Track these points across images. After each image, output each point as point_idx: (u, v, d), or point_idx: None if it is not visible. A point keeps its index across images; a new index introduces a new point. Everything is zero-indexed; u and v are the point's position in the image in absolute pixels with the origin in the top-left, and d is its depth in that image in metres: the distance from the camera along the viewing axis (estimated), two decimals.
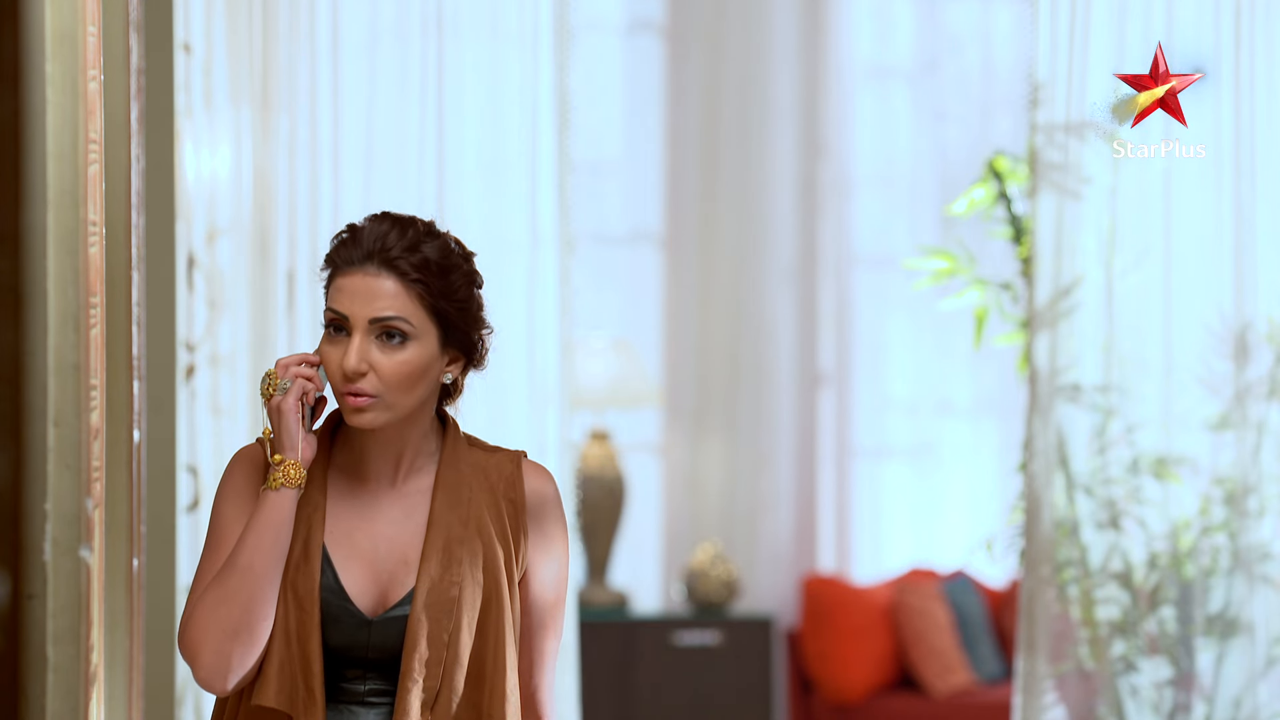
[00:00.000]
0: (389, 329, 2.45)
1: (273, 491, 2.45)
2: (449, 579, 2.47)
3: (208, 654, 2.41)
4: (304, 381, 2.47)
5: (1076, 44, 4.15)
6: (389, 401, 2.46)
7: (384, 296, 2.45)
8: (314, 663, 2.44)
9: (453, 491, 2.52)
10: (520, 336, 4.38)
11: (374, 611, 2.48)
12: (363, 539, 2.50)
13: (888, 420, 6.93)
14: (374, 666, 2.48)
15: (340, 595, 2.47)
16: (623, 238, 6.92)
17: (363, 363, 2.44)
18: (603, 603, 6.37)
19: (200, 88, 4.28)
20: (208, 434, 4.32)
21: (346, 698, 2.49)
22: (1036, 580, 4.19)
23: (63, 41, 2.46)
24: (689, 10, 6.85)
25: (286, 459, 2.46)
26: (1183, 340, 4.23)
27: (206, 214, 4.31)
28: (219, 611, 2.41)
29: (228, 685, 2.42)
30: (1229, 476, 4.22)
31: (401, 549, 2.50)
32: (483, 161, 4.38)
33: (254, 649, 2.42)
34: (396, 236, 2.46)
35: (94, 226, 2.55)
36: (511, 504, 2.55)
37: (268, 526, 2.44)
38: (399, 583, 2.49)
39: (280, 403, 2.47)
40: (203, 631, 2.41)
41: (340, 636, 2.47)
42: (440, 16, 4.37)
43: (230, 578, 2.42)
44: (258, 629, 2.42)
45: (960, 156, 6.80)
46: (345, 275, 2.46)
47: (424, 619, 2.45)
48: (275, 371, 2.48)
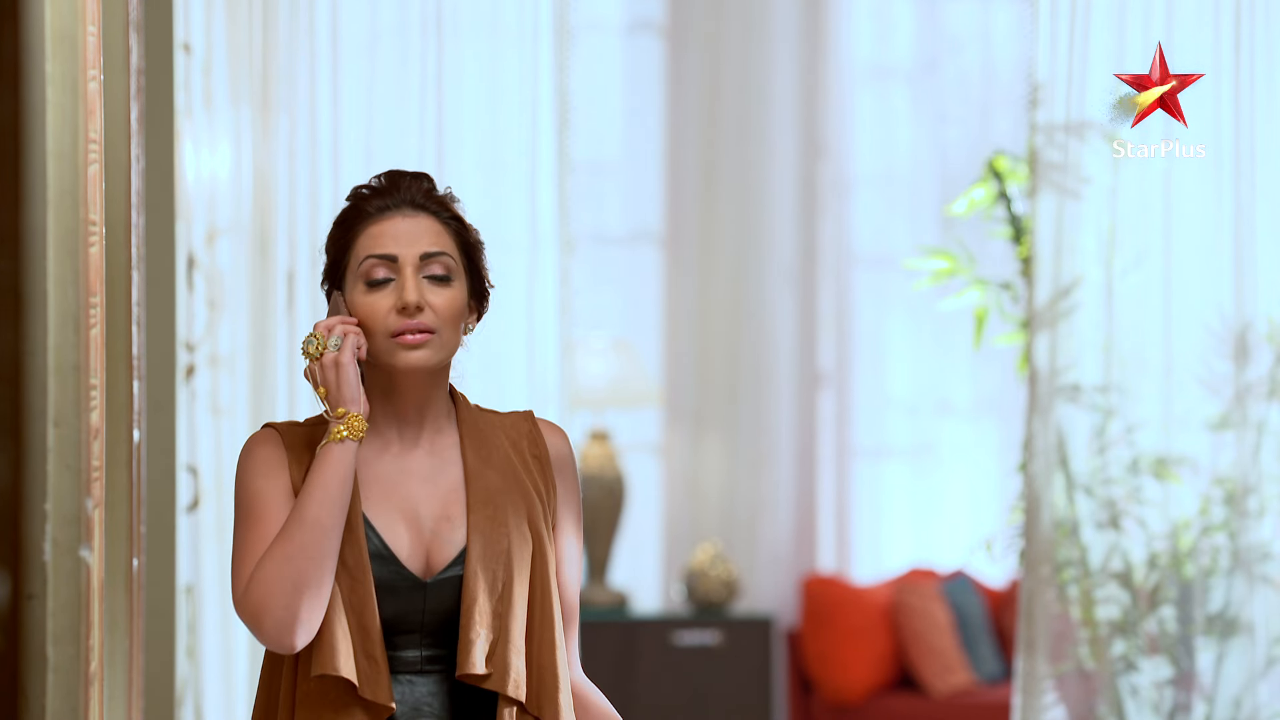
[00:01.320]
0: (437, 266, 2.50)
1: (336, 444, 2.45)
2: (499, 531, 2.49)
3: (277, 609, 2.40)
4: (355, 335, 2.49)
5: (1076, 44, 4.15)
6: (443, 339, 2.50)
7: (429, 234, 2.51)
8: (373, 631, 2.44)
9: (481, 446, 2.54)
10: (520, 336, 4.38)
11: (425, 573, 2.49)
12: (400, 502, 2.51)
13: (887, 420, 6.93)
14: (429, 632, 2.49)
15: (391, 561, 2.48)
16: (623, 238, 6.92)
17: (422, 297, 2.48)
18: (603, 603, 6.37)
19: (200, 88, 4.29)
20: (208, 434, 4.32)
21: (402, 667, 2.49)
22: (1036, 580, 4.19)
23: (63, 41, 2.46)
24: (689, 10, 6.85)
25: (350, 411, 2.47)
26: (1183, 340, 4.23)
27: (206, 214, 4.32)
28: (287, 567, 2.41)
29: (296, 641, 2.41)
30: (1229, 476, 4.22)
31: (441, 506, 2.51)
32: (483, 161, 4.38)
33: (320, 603, 2.41)
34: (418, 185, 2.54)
35: (94, 226, 2.55)
36: (536, 459, 2.58)
37: (334, 478, 2.44)
38: (445, 540, 2.50)
39: (338, 357, 2.48)
40: (269, 588, 2.40)
41: (395, 603, 2.47)
42: (440, 16, 4.37)
43: (296, 533, 2.42)
44: (325, 582, 2.42)
45: (960, 156, 6.80)
46: (381, 221, 2.52)
47: (480, 573, 2.47)
48: (319, 332, 2.49)
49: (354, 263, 2.52)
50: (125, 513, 3.07)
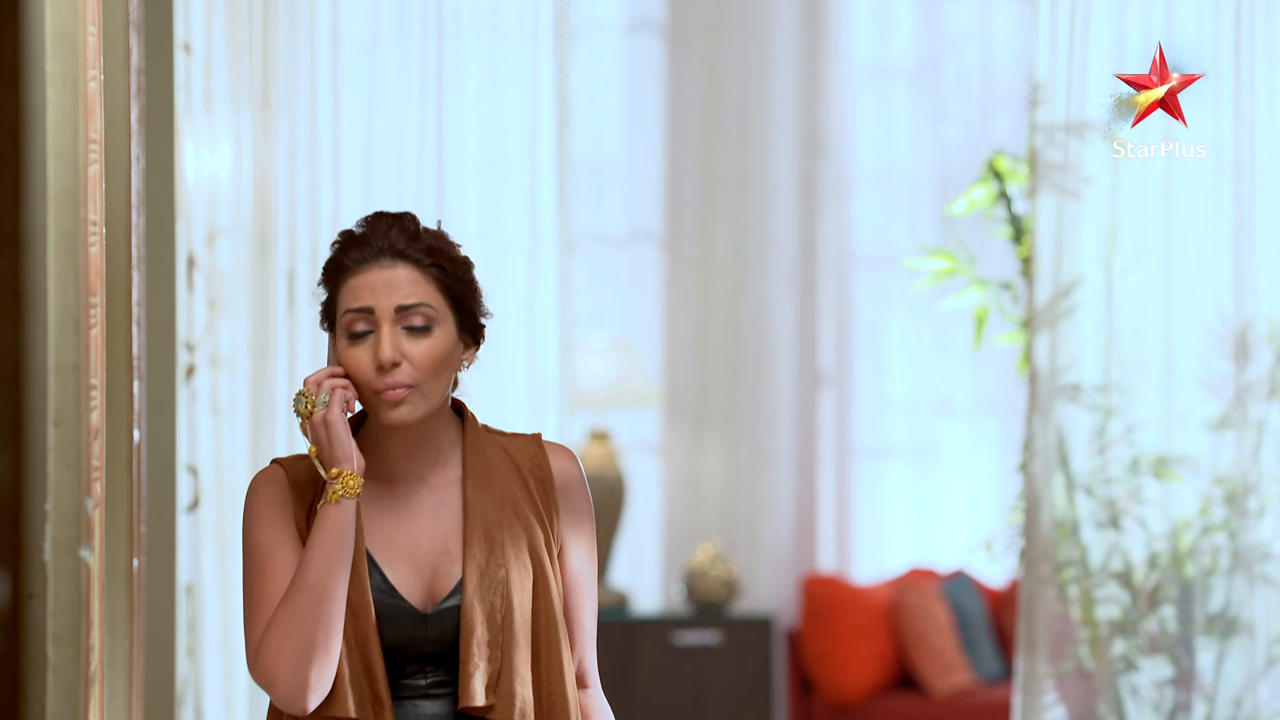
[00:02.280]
0: (415, 318, 2.47)
1: (333, 505, 2.45)
2: (495, 562, 2.49)
3: (286, 677, 2.41)
4: (343, 391, 2.47)
5: (1076, 44, 4.15)
6: (425, 390, 2.47)
7: (405, 284, 2.47)
8: (376, 666, 2.45)
9: (482, 476, 2.54)
10: (520, 336, 4.38)
11: (425, 606, 2.49)
12: (402, 538, 2.51)
13: (888, 420, 6.92)
14: (433, 660, 2.50)
15: (391, 594, 2.48)
16: (622, 238, 6.92)
17: (397, 353, 2.45)
18: (603, 602, 6.37)
19: (200, 88, 4.28)
20: (208, 434, 4.32)
21: (409, 693, 2.49)
22: (1036, 580, 4.19)
23: (63, 41, 2.46)
24: (689, 10, 6.85)
25: (344, 470, 2.46)
26: (1183, 340, 4.23)
27: (206, 214, 4.32)
28: (293, 634, 2.41)
29: (308, 705, 2.42)
30: (1229, 476, 4.22)
31: (442, 540, 2.51)
32: (483, 161, 4.38)
33: (330, 666, 2.42)
34: (399, 230, 2.49)
35: (94, 226, 2.55)
36: (540, 483, 2.57)
37: (335, 540, 2.44)
38: (445, 574, 2.50)
39: (326, 415, 2.46)
40: (278, 656, 2.41)
41: (397, 635, 2.48)
42: (440, 16, 4.37)
43: (301, 599, 2.42)
44: (333, 645, 2.42)
45: (960, 156, 6.80)
46: (358, 274, 2.48)
47: (477, 604, 2.47)
48: (308, 390, 2.47)
49: (339, 314, 2.50)
50: (125, 513, 3.07)
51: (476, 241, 4.33)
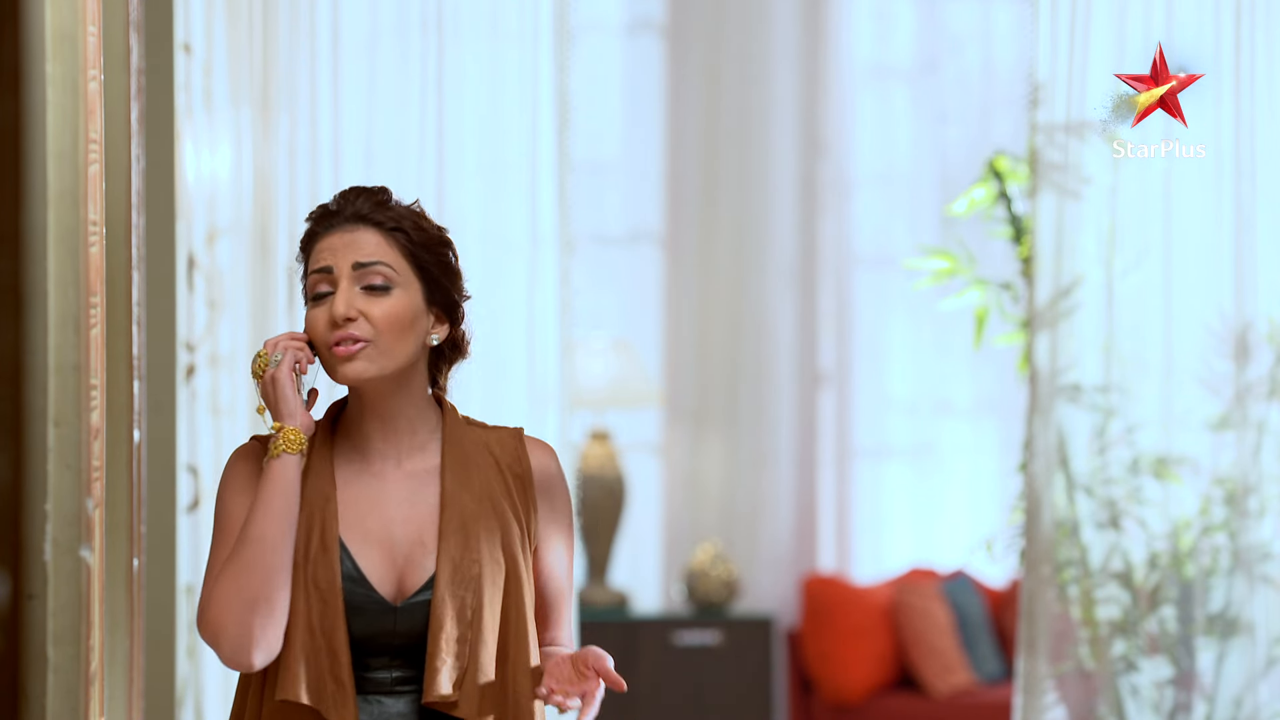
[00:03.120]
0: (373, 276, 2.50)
1: (275, 460, 2.47)
2: (469, 557, 2.49)
3: (231, 627, 2.42)
4: (295, 351, 2.51)
5: (1076, 44, 4.15)
6: (381, 347, 2.49)
7: (367, 245, 2.52)
8: (341, 654, 2.45)
9: (461, 469, 2.54)
10: (520, 336, 4.38)
11: (395, 597, 2.49)
12: (376, 525, 2.51)
13: (888, 420, 6.93)
14: (400, 653, 2.49)
15: (362, 583, 2.48)
16: (622, 238, 6.92)
17: (351, 308, 2.48)
18: (603, 602, 6.37)
19: (200, 88, 4.28)
20: (208, 434, 4.32)
21: (373, 688, 2.49)
22: (1036, 580, 4.19)
23: (63, 41, 2.46)
24: (689, 10, 6.85)
25: (285, 425, 2.48)
26: (1183, 340, 4.23)
27: (206, 214, 4.31)
28: (237, 584, 2.43)
29: (254, 660, 2.43)
30: (1229, 476, 4.22)
31: (416, 531, 2.51)
32: (483, 161, 4.38)
33: (275, 620, 2.43)
34: (367, 199, 2.55)
35: (94, 226, 2.55)
36: (519, 479, 2.57)
37: (275, 494, 2.46)
38: (418, 565, 2.50)
39: (274, 373, 2.50)
40: (223, 607, 2.42)
41: (365, 625, 2.48)
42: (440, 16, 4.37)
43: (244, 550, 2.44)
44: (275, 599, 2.43)
45: (960, 156, 6.80)
46: (324, 238, 2.54)
47: (448, 599, 2.47)
48: (265, 351, 2.51)
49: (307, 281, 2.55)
50: (125, 513, 3.07)
51: (476, 241, 4.34)
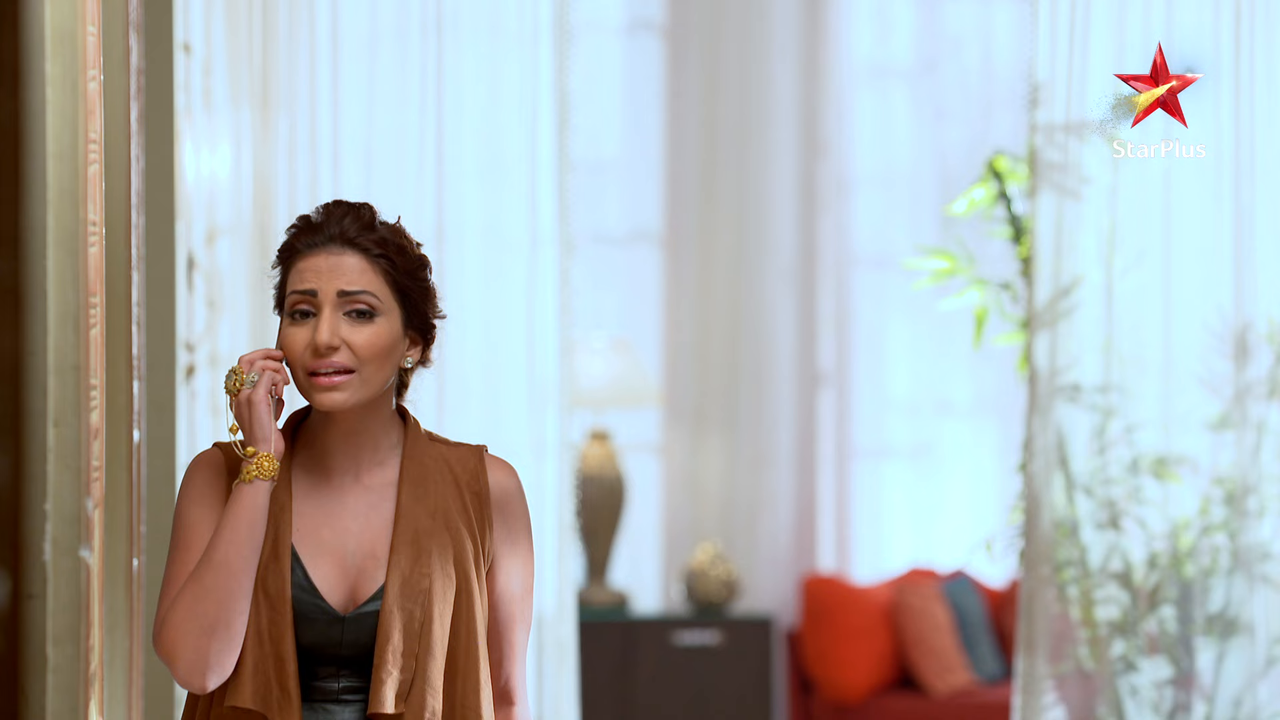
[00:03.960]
0: (358, 304, 2.47)
1: (246, 485, 2.45)
2: (419, 571, 2.48)
3: (186, 651, 2.41)
4: (272, 373, 2.49)
5: (1076, 44, 4.15)
6: (365, 376, 2.47)
7: (351, 271, 2.48)
8: (288, 662, 2.44)
9: (418, 484, 2.52)
10: (520, 336, 4.38)
11: (345, 608, 2.48)
12: (330, 536, 2.50)
13: (888, 420, 6.93)
14: (347, 664, 2.49)
15: (311, 593, 2.47)
16: (622, 238, 6.92)
17: (335, 336, 2.46)
18: (603, 603, 6.37)
19: (200, 88, 4.28)
20: (208, 434, 4.31)
21: (320, 696, 2.49)
22: (1036, 580, 4.19)
23: (63, 41, 2.46)
24: (689, 10, 6.85)
25: (260, 451, 2.47)
26: (1183, 340, 4.23)
27: (206, 214, 4.31)
28: (196, 609, 2.41)
29: (207, 683, 2.42)
30: (1229, 476, 4.22)
31: (369, 544, 2.50)
32: (482, 161, 4.38)
33: (231, 645, 2.42)
34: (354, 218, 2.50)
35: (94, 226, 2.54)
36: (476, 496, 2.55)
37: (242, 520, 2.44)
38: (369, 577, 2.49)
39: (250, 395, 2.47)
40: (180, 630, 2.41)
41: (313, 634, 2.47)
42: (440, 16, 4.37)
43: (206, 574, 2.42)
44: (234, 624, 2.42)
45: (960, 156, 6.80)
46: (307, 257, 2.49)
47: (396, 611, 2.46)
48: (240, 368, 2.49)
49: (285, 297, 2.51)
50: (125, 513, 3.07)
51: (476, 241, 4.34)
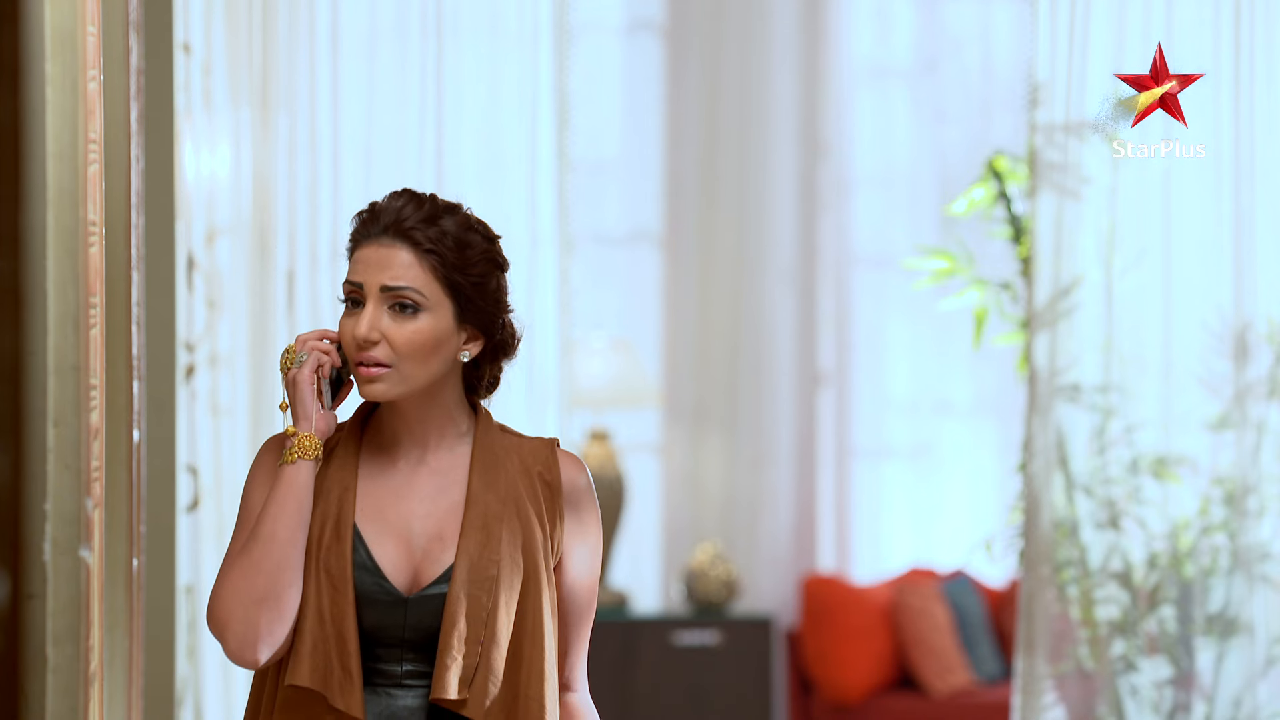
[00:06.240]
0: (401, 299, 2.47)
1: (289, 465, 2.47)
2: (488, 556, 2.47)
3: (236, 623, 2.41)
4: (320, 354, 2.50)
5: (1076, 44, 4.15)
6: (403, 372, 2.48)
7: (397, 265, 2.48)
8: (349, 642, 2.44)
9: (489, 470, 2.53)
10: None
11: (409, 590, 2.48)
12: (395, 516, 2.51)
13: (887, 420, 6.93)
14: (411, 647, 2.48)
15: (375, 573, 2.47)
16: (622, 238, 6.92)
17: (374, 330, 2.47)
18: (603, 602, 6.37)
19: (200, 88, 4.28)
20: (208, 434, 4.32)
21: (383, 680, 2.48)
22: (1036, 580, 4.19)
23: (63, 41, 2.46)
24: (689, 10, 6.85)
25: (300, 431, 2.48)
26: (1182, 340, 4.23)
27: (206, 214, 4.32)
28: (245, 581, 2.42)
29: (259, 656, 2.42)
30: (1229, 476, 4.22)
31: (436, 526, 2.51)
32: (482, 161, 4.38)
33: (282, 618, 2.43)
34: (413, 209, 2.51)
35: (94, 226, 2.55)
36: (547, 487, 2.56)
37: (287, 497, 2.45)
38: (434, 559, 2.49)
39: (295, 375, 2.49)
40: (230, 602, 2.42)
41: (376, 616, 2.47)
42: (440, 16, 4.37)
43: (253, 548, 2.44)
44: (284, 597, 2.43)
45: (960, 156, 6.80)
46: (362, 247, 2.50)
47: (463, 596, 2.45)
48: (295, 346, 2.51)
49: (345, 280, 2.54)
50: (125, 513, 3.07)
51: None
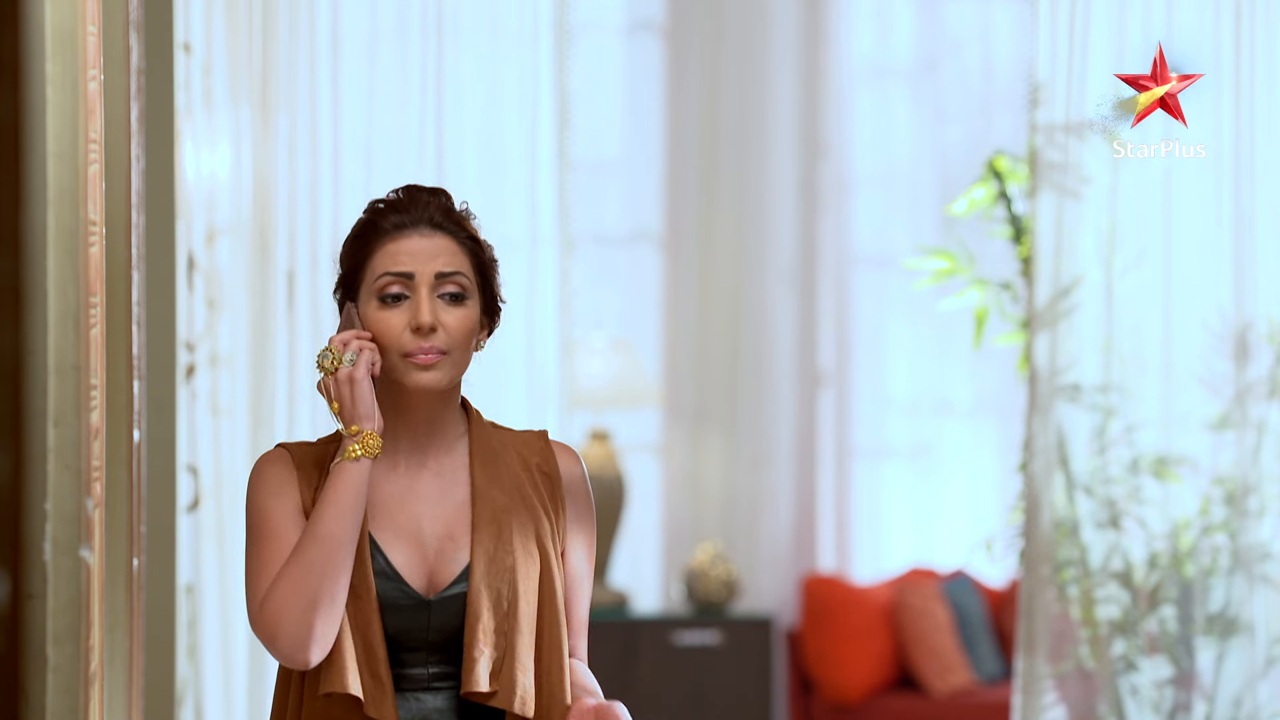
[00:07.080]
0: (452, 286, 2.50)
1: (350, 462, 2.45)
2: (503, 549, 2.49)
3: (289, 625, 2.40)
4: (370, 352, 2.49)
5: (1076, 44, 4.15)
6: (455, 358, 2.50)
7: (445, 253, 2.51)
8: (378, 648, 2.45)
9: (490, 466, 2.54)
10: (520, 336, 4.38)
11: (429, 592, 2.49)
12: (405, 521, 2.51)
13: (887, 420, 6.93)
14: (436, 649, 2.49)
15: (395, 579, 2.48)
16: (622, 238, 6.92)
17: (435, 318, 2.48)
18: (603, 602, 6.37)
19: (200, 88, 4.29)
20: (208, 434, 4.32)
21: (410, 684, 2.49)
22: (1036, 580, 4.19)
23: (63, 41, 2.46)
24: (689, 10, 6.85)
25: (364, 428, 2.47)
26: (1183, 340, 4.23)
27: (206, 214, 4.32)
28: (300, 585, 2.41)
29: (311, 657, 2.41)
30: (1229, 476, 4.22)
31: (445, 526, 2.51)
32: (482, 161, 4.38)
33: (334, 619, 2.42)
34: (439, 203, 2.55)
35: (94, 226, 2.55)
36: (546, 478, 2.58)
37: (347, 494, 2.44)
38: (449, 559, 2.50)
39: (352, 373, 2.48)
40: (284, 606, 2.41)
41: (400, 620, 2.47)
42: (440, 16, 4.37)
43: (310, 548, 2.42)
44: (338, 598, 2.42)
45: (960, 156, 6.80)
46: (398, 239, 2.51)
47: (484, 590, 2.47)
48: (334, 346, 2.49)
49: (369, 278, 2.51)
50: (125, 513, 3.07)
51: None
